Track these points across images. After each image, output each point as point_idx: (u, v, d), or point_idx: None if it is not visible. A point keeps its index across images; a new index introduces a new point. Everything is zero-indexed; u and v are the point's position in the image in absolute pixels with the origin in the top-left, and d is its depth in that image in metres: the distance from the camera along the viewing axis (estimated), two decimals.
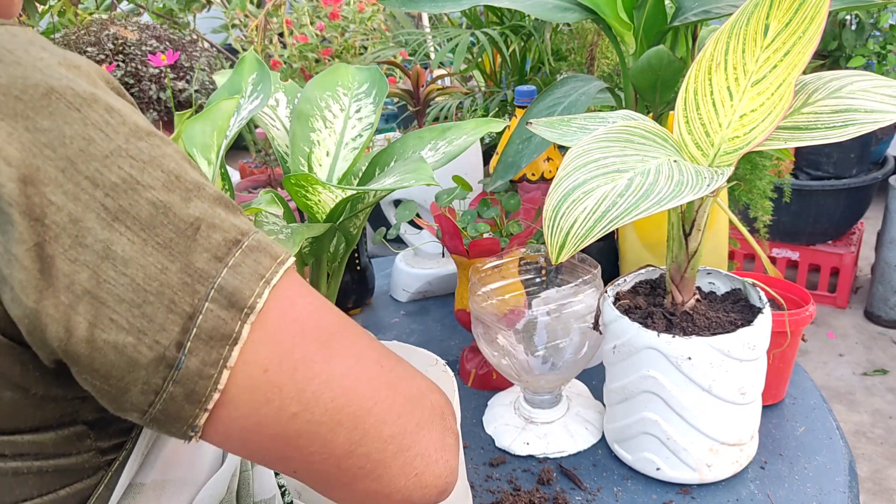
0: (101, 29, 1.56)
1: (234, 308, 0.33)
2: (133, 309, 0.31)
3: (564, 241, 0.56)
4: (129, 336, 0.31)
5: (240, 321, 0.33)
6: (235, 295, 0.33)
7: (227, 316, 0.33)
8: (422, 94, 1.24)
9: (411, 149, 0.76)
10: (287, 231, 0.65)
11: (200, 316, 0.32)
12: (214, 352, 0.33)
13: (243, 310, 0.33)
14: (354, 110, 0.77)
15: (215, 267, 0.33)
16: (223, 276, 0.33)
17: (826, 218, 2.44)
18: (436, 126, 0.78)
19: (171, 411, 0.33)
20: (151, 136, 0.33)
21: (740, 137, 0.64)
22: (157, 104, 1.56)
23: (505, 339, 0.80)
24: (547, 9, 0.90)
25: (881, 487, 1.84)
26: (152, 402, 0.33)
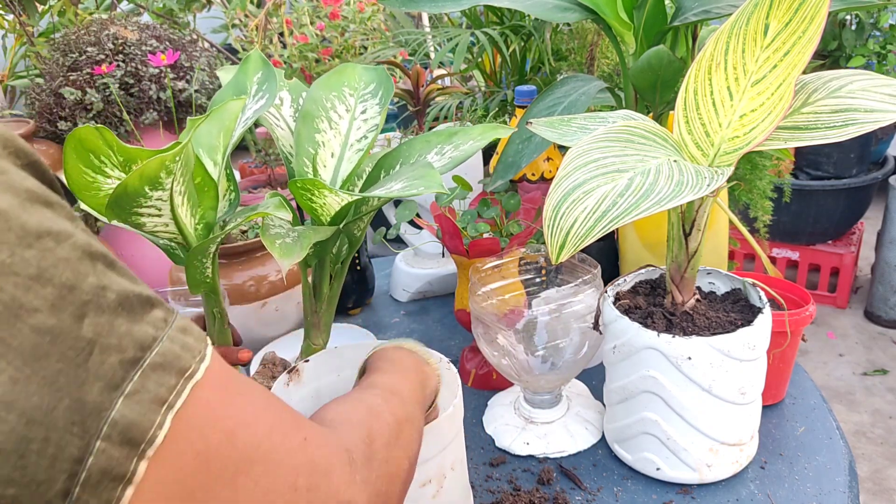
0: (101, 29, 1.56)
1: (129, 445, 0.29)
2: (15, 461, 0.27)
3: (565, 241, 0.56)
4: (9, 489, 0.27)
5: (135, 459, 0.29)
6: (131, 429, 0.29)
7: (121, 454, 0.29)
8: (422, 93, 1.24)
9: (417, 153, 0.76)
10: (294, 235, 0.65)
11: (90, 458, 0.28)
12: (105, 495, 0.29)
13: (140, 446, 0.29)
14: (360, 111, 0.77)
15: (109, 398, 0.29)
16: (118, 407, 0.29)
17: (826, 218, 2.44)
18: (442, 130, 0.78)
19: None
20: (42, 239, 0.29)
21: (740, 137, 0.64)
22: (157, 104, 1.56)
23: (505, 339, 0.80)
24: (547, 9, 0.90)
25: (881, 487, 1.84)
26: None
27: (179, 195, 0.58)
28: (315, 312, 0.77)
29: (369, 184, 0.77)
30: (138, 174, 0.52)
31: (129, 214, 0.57)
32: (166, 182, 0.54)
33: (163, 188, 0.55)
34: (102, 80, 1.49)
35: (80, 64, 1.51)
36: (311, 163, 0.74)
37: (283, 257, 0.60)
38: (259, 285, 1.00)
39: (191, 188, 0.61)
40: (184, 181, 0.58)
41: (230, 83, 0.76)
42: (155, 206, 0.57)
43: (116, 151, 0.53)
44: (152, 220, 0.59)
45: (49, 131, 1.55)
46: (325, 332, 0.79)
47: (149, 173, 0.52)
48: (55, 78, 1.51)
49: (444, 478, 0.64)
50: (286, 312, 1.04)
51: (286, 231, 0.67)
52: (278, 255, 0.60)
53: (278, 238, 0.63)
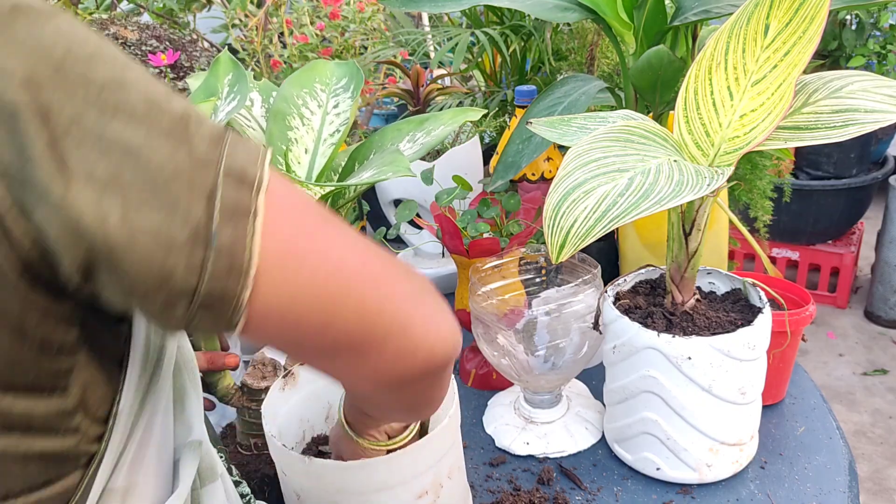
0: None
1: (245, 185, 0.34)
2: (157, 192, 0.32)
3: (565, 241, 0.56)
4: (160, 216, 0.32)
5: (254, 196, 0.34)
6: (243, 173, 0.34)
7: (242, 192, 0.34)
8: (422, 93, 1.24)
9: (389, 141, 0.76)
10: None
11: (219, 193, 0.33)
12: (241, 225, 0.34)
13: (254, 185, 0.35)
14: (332, 105, 0.77)
15: (216, 151, 0.34)
16: (225, 158, 0.34)
17: (826, 218, 2.44)
18: (413, 118, 0.78)
19: (217, 290, 0.33)
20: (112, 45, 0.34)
21: (740, 137, 0.64)
22: None
23: (505, 339, 0.80)
24: (547, 9, 0.90)
25: (881, 487, 1.84)
26: (198, 282, 0.33)
27: None
28: None
29: (345, 175, 0.77)
30: None
31: None
32: None
33: None
34: None
35: None
36: (284, 160, 0.74)
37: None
38: None
39: None
40: None
41: (200, 87, 0.75)
42: None
43: None
44: None
45: None
46: None
47: None
48: None
49: (441, 487, 0.64)
50: None
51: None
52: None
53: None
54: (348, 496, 0.61)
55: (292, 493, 0.65)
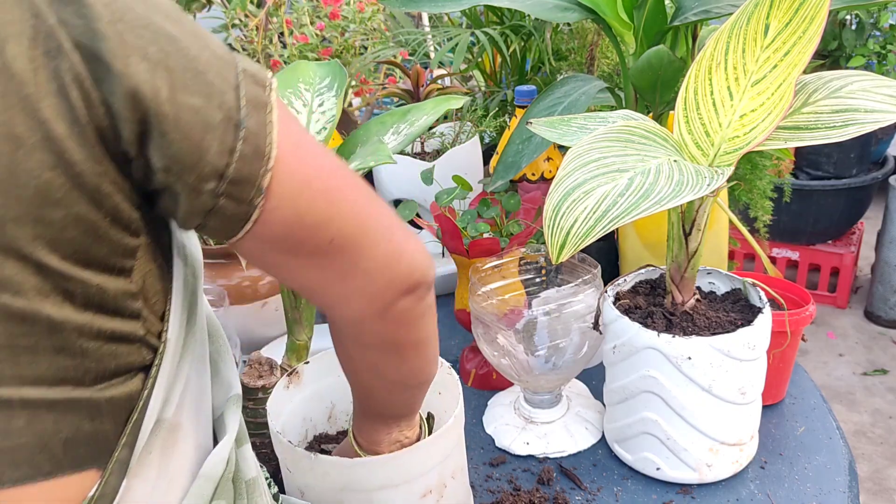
0: None
1: (259, 84, 0.39)
2: (197, 77, 0.36)
3: (565, 241, 0.56)
4: (200, 99, 0.36)
5: (269, 93, 0.39)
6: (256, 74, 0.39)
7: (259, 89, 0.39)
8: (422, 93, 1.24)
9: (374, 134, 0.77)
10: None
11: (242, 87, 0.38)
12: (262, 115, 0.38)
13: (266, 85, 0.39)
14: (317, 104, 0.78)
15: (230, 55, 0.39)
16: (239, 62, 0.39)
17: (826, 218, 2.44)
18: (396, 110, 0.79)
19: (244, 171, 0.37)
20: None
21: (740, 137, 0.64)
22: None
23: (505, 339, 0.80)
24: (547, 9, 0.90)
25: (881, 487, 1.84)
26: (228, 162, 0.37)
27: None
28: (294, 308, 0.77)
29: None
30: None
31: None
32: None
33: None
34: None
35: None
36: None
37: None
38: (258, 285, 1.00)
39: None
40: None
41: None
42: None
43: None
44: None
45: None
46: (307, 328, 0.78)
47: None
48: None
49: (445, 486, 0.64)
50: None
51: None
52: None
53: None
54: (353, 494, 0.61)
55: (296, 490, 0.65)
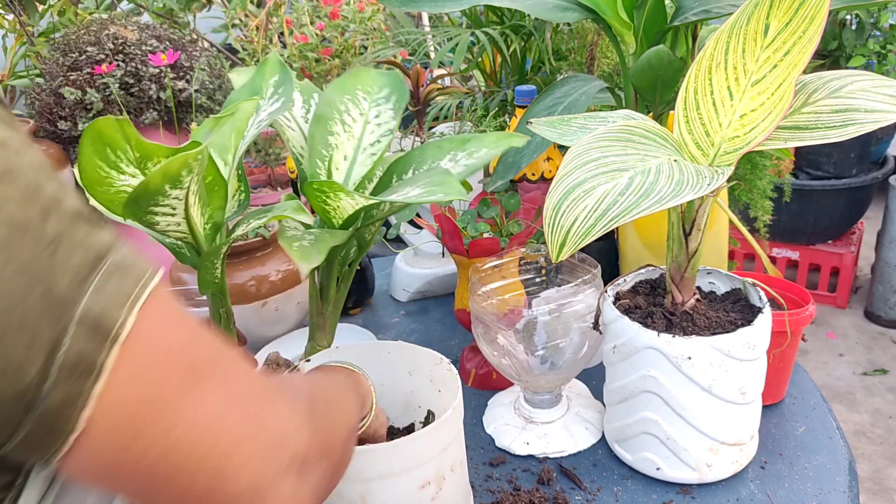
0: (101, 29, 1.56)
1: (100, 335, 0.31)
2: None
3: (565, 240, 0.56)
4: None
5: (106, 349, 0.31)
6: (101, 319, 0.31)
7: (93, 344, 0.31)
8: (422, 93, 1.24)
9: (430, 158, 0.76)
10: (310, 238, 0.65)
11: (65, 345, 0.30)
12: (78, 384, 0.30)
13: (109, 336, 0.31)
14: (373, 115, 0.77)
15: (78, 290, 0.30)
16: (86, 299, 0.31)
17: (826, 218, 2.44)
18: (455, 137, 0.78)
19: (29, 446, 0.31)
20: (5, 147, 0.30)
21: (740, 137, 0.64)
22: (157, 104, 1.55)
23: (505, 339, 0.80)
24: (547, 8, 0.90)
25: (881, 487, 1.84)
26: (8, 441, 0.30)
27: (194, 194, 0.58)
28: (321, 314, 0.77)
29: (381, 188, 0.76)
30: (161, 173, 0.51)
31: (145, 213, 0.56)
32: (186, 181, 0.54)
33: (182, 187, 0.55)
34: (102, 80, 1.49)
35: (80, 64, 1.51)
36: (326, 165, 0.74)
37: (302, 260, 0.60)
38: (259, 285, 1.00)
39: (202, 187, 0.60)
40: (198, 180, 0.57)
41: (246, 84, 0.75)
42: (171, 204, 0.57)
43: (134, 147, 0.52)
44: (166, 220, 0.59)
45: (49, 131, 1.55)
46: (329, 334, 0.78)
47: (172, 172, 0.52)
48: (55, 78, 1.51)
49: (444, 479, 0.64)
50: (286, 312, 1.04)
51: (301, 234, 0.66)
52: (297, 258, 0.60)
53: (293, 241, 0.63)
54: (351, 484, 0.60)
55: None
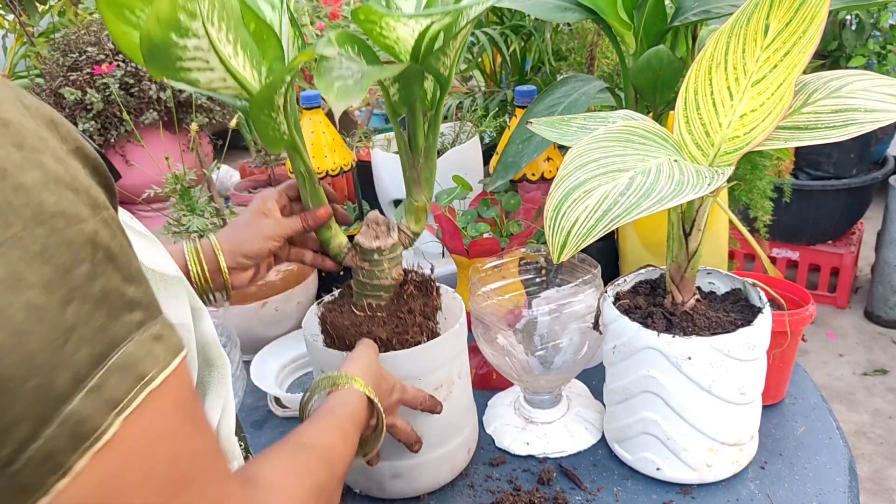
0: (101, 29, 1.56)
1: (77, 439, 0.29)
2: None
3: (566, 241, 0.56)
4: None
5: (79, 454, 0.29)
6: (83, 424, 0.30)
7: (67, 446, 0.29)
8: None
9: None
10: (357, 76, 0.58)
11: (41, 439, 0.28)
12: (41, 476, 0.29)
13: (86, 442, 0.30)
14: None
15: (74, 389, 0.29)
16: (77, 400, 0.29)
17: (826, 218, 2.44)
18: None
19: None
20: (54, 219, 0.30)
21: (740, 137, 0.64)
22: (157, 104, 1.56)
23: (505, 339, 0.80)
24: (547, 9, 0.90)
25: (881, 487, 1.84)
26: None
27: (229, 44, 0.55)
28: (413, 167, 0.72)
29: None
30: (154, 18, 0.49)
31: (175, 70, 0.54)
32: (194, 27, 0.52)
33: (195, 35, 0.52)
34: (102, 80, 1.49)
35: (80, 64, 1.51)
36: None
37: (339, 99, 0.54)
38: (259, 285, 1.00)
39: (244, 37, 0.57)
40: (227, 28, 0.54)
41: None
42: (198, 57, 0.54)
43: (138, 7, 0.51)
44: (205, 75, 0.56)
45: None
46: (426, 188, 0.74)
47: (165, 16, 0.50)
48: (55, 78, 1.51)
49: (453, 384, 0.75)
50: (286, 312, 1.04)
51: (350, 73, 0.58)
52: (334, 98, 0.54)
53: (338, 80, 0.56)
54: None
55: None
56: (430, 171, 0.73)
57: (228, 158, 1.88)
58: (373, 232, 0.73)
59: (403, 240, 0.74)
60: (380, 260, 0.72)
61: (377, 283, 0.73)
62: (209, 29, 0.53)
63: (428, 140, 0.71)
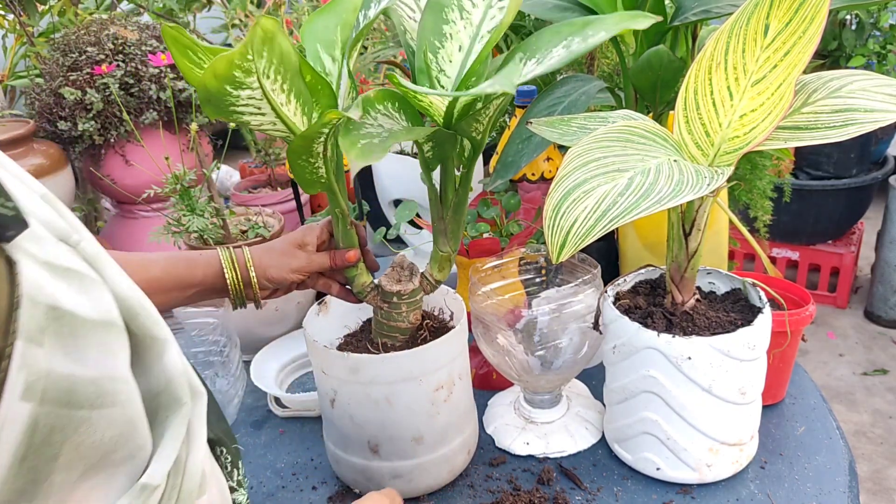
0: (101, 29, 1.56)
1: None
2: None
3: (565, 240, 0.56)
4: None
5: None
6: None
7: None
8: None
9: (545, 45, 0.66)
10: (384, 135, 0.60)
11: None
12: None
13: None
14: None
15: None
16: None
17: (826, 218, 2.44)
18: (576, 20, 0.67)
19: None
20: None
21: (740, 137, 0.64)
22: (157, 104, 1.56)
23: (505, 339, 0.80)
24: (547, 9, 0.90)
25: (881, 487, 1.84)
26: None
27: (282, 93, 0.58)
28: (441, 219, 0.74)
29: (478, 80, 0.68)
30: (211, 73, 0.53)
31: (228, 113, 0.58)
32: (249, 81, 0.55)
33: (249, 88, 0.55)
34: (102, 80, 1.49)
35: (80, 64, 1.51)
36: (433, 59, 0.67)
37: (359, 159, 0.56)
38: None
39: (298, 87, 0.59)
40: (282, 80, 0.57)
41: None
42: (251, 104, 0.57)
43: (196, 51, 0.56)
44: (256, 119, 0.60)
45: (49, 131, 1.55)
46: (452, 240, 0.76)
47: (221, 72, 0.53)
48: (55, 78, 1.51)
49: (454, 385, 0.75)
50: (286, 312, 1.04)
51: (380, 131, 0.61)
52: (355, 157, 0.56)
53: (366, 138, 0.59)
54: (379, 386, 0.70)
55: (329, 390, 0.73)
56: (457, 225, 0.75)
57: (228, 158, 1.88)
58: (396, 275, 0.76)
59: (425, 286, 0.76)
60: (398, 303, 0.74)
61: (394, 324, 0.75)
62: (264, 82, 0.56)
63: (458, 195, 0.73)
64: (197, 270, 0.74)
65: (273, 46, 0.54)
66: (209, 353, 0.96)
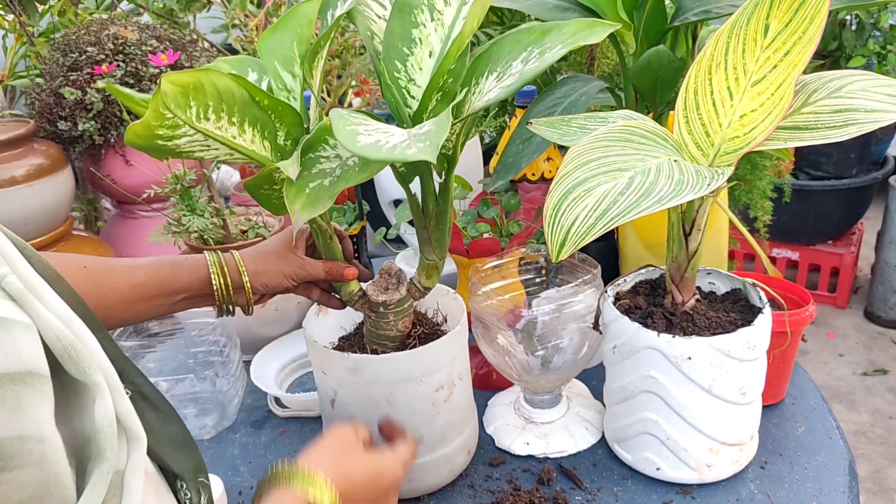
0: (101, 29, 1.56)
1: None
2: None
3: (565, 239, 0.56)
4: None
5: None
6: None
7: None
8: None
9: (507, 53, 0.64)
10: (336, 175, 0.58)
11: None
12: None
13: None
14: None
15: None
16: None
17: (826, 218, 2.44)
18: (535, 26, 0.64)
19: None
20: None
21: (740, 137, 0.64)
22: None
23: (505, 339, 0.80)
24: (547, 9, 0.90)
25: (881, 487, 1.84)
26: None
27: (232, 126, 0.56)
28: (424, 228, 0.73)
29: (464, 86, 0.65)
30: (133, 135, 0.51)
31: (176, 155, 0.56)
32: (180, 132, 0.53)
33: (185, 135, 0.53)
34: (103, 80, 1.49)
35: (80, 64, 1.51)
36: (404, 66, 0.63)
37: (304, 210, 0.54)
38: None
39: (253, 114, 0.57)
40: (228, 114, 0.55)
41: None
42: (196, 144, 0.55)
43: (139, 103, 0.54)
44: (209, 153, 0.57)
45: (49, 131, 1.55)
46: (437, 248, 0.74)
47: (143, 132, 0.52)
48: (55, 78, 1.51)
49: (454, 385, 0.75)
50: (286, 312, 1.04)
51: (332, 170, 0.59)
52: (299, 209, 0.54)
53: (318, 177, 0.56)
54: (379, 386, 0.71)
55: (329, 390, 0.74)
56: (441, 234, 0.73)
57: None
58: (384, 283, 0.74)
59: (414, 293, 0.75)
60: (385, 313, 0.73)
61: (382, 332, 0.74)
62: (202, 126, 0.53)
63: (438, 206, 0.72)
64: (183, 275, 0.70)
65: (200, 94, 0.52)
66: (209, 353, 0.96)
